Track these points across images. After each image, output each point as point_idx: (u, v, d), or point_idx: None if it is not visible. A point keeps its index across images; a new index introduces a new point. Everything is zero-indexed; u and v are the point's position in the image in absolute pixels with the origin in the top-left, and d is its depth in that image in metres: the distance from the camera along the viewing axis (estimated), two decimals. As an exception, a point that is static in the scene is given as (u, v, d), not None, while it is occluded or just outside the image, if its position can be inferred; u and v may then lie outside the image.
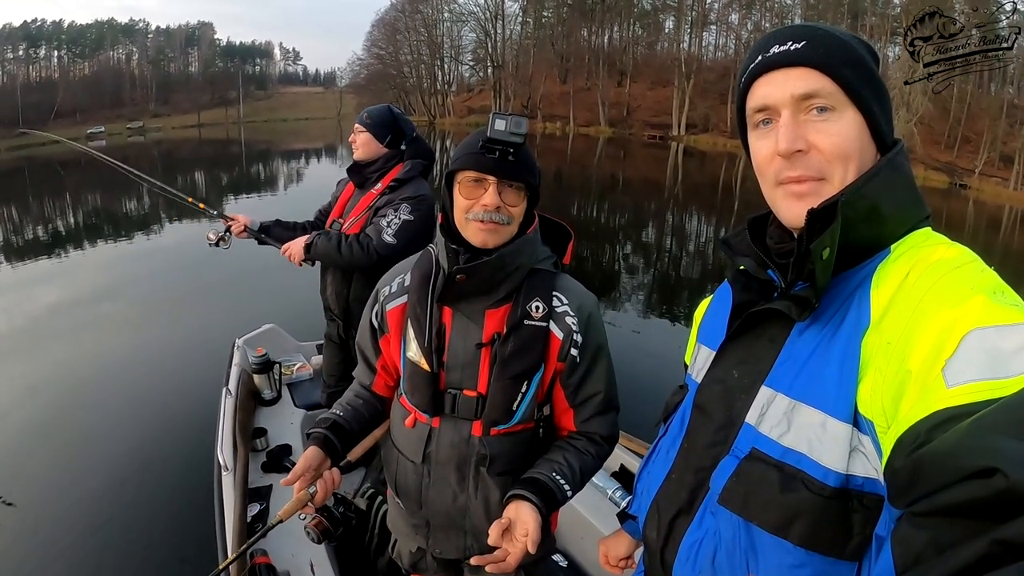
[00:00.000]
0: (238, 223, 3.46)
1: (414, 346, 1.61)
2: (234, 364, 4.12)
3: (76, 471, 3.15)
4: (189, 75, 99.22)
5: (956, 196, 33.00)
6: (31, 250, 13.94)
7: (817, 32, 0.95)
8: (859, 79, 0.93)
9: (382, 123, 3.16)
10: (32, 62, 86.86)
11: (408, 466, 1.71)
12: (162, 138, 65.23)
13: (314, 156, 41.59)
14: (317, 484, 1.54)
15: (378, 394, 1.83)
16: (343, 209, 3.30)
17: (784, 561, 0.92)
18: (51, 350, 7.30)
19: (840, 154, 0.93)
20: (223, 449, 3.13)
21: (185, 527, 3.99)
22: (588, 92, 64.36)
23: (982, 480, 0.51)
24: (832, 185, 0.94)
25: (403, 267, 1.75)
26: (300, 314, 3.52)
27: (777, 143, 0.95)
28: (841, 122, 0.93)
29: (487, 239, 1.52)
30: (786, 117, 0.95)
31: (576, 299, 1.64)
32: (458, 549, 1.77)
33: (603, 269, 13.11)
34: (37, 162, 42.90)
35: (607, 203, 23.00)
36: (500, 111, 1.49)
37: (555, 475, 1.57)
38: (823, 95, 0.93)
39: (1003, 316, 0.71)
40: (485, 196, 1.49)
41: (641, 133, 58.15)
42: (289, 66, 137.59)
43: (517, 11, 73.09)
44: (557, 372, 1.63)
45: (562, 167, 34.60)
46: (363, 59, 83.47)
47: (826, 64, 0.92)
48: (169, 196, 3.77)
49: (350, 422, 1.72)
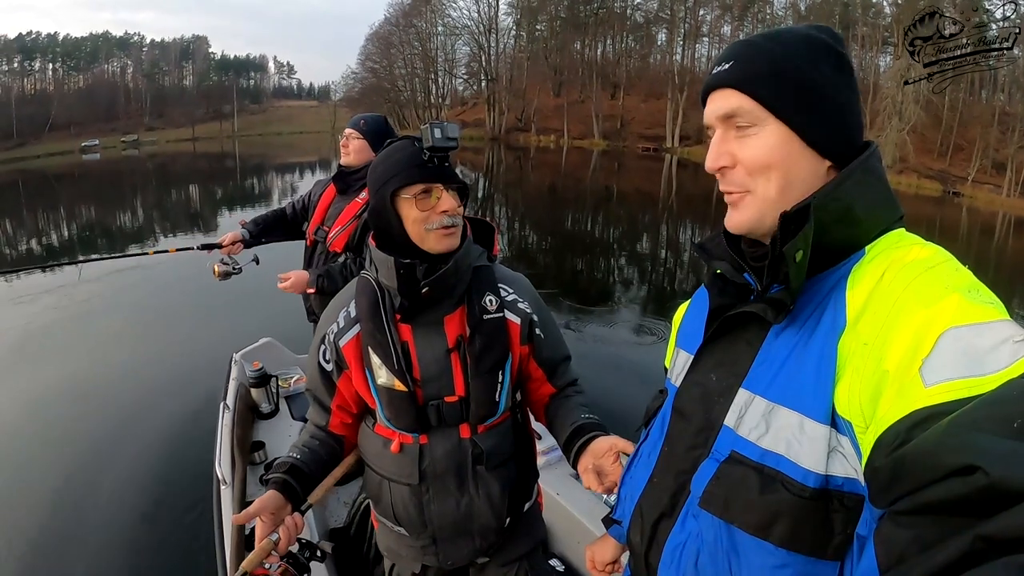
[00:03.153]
0: (228, 241, 3.44)
1: (384, 372, 1.61)
2: (232, 378, 4.11)
3: (77, 485, 3.16)
4: (184, 88, 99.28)
5: (950, 204, 33.19)
6: (26, 263, 13.96)
7: (745, 50, 0.99)
8: (780, 93, 0.95)
9: (377, 132, 3.18)
10: (27, 75, 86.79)
11: (404, 491, 1.70)
12: (156, 151, 65.28)
13: (308, 170, 41.54)
14: (279, 531, 1.52)
15: (335, 433, 1.80)
16: (324, 215, 3.31)
17: (766, 562, 0.92)
18: (49, 365, 7.29)
19: (759, 167, 0.97)
20: (221, 463, 3.13)
21: (185, 541, 3.99)
22: (582, 105, 64.36)
23: (963, 478, 0.51)
24: (756, 196, 0.98)
25: (340, 302, 1.75)
26: (296, 327, 3.58)
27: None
28: (761, 136, 0.96)
29: (451, 243, 1.57)
30: (716, 136, 1.01)
31: (520, 285, 1.75)
32: (468, 554, 1.79)
33: (597, 281, 13.17)
34: (31, 175, 42.77)
35: (602, 215, 23.06)
36: (433, 121, 1.53)
37: (586, 416, 1.70)
38: (741, 114, 0.97)
39: (978, 314, 0.73)
40: (442, 203, 1.54)
41: (635, 145, 58.17)
42: (283, 80, 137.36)
43: (511, 25, 73.32)
44: (523, 355, 1.73)
45: (557, 180, 34.70)
46: (357, 73, 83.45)
47: (743, 83, 0.96)
48: (127, 258, 3.69)
49: (308, 464, 1.70)
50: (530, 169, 41.45)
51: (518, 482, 1.79)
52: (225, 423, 3.53)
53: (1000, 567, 0.44)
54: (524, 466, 1.83)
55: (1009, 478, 0.47)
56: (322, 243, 3.29)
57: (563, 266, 14.23)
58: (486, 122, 69.75)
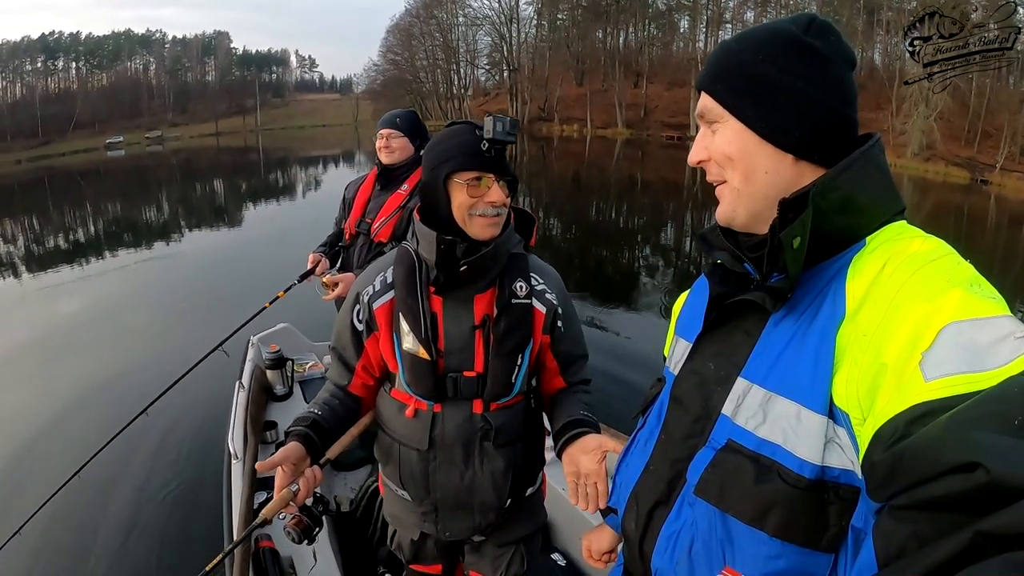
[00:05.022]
0: (314, 262, 3.57)
1: (410, 338, 1.68)
2: (248, 360, 4.24)
3: (98, 458, 3.33)
4: (206, 84, 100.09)
5: (978, 192, 32.46)
6: (58, 258, 14.38)
7: (715, 55, 1.05)
8: (732, 90, 0.99)
9: (414, 126, 3.29)
10: (51, 74, 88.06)
11: (412, 455, 1.78)
12: (180, 147, 65.99)
13: (332, 163, 41.89)
14: (299, 482, 1.58)
15: (353, 394, 1.86)
16: (363, 209, 3.41)
17: (760, 552, 0.93)
18: (80, 349, 7.78)
19: (723, 159, 1.01)
20: (234, 439, 3.25)
21: (197, 512, 4.21)
22: (605, 94, 63.98)
23: (964, 474, 0.51)
24: (729, 186, 1.02)
25: (378, 267, 1.82)
26: (314, 315, 3.68)
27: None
28: (723, 132, 1.01)
29: (493, 232, 1.64)
30: (699, 134, 1.06)
31: (550, 278, 1.81)
32: (467, 528, 1.87)
33: (621, 269, 13.20)
34: (57, 172, 43.39)
35: (625, 204, 22.94)
36: (496, 114, 1.59)
37: (583, 413, 1.75)
38: (706, 112, 1.03)
39: (980, 309, 0.72)
40: (491, 193, 1.60)
41: (659, 134, 57.72)
42: (305, 73, 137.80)
43: (532, 14, 73.16)
44: (544, 344, 1.80)
45: (580, 169, 34.58)
46: (379, 65, 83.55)
47: (705, 84, 1.03)
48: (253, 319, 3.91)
49: (328, 420, 1.76)
50: (553, 159, 41.33)
51: (523, 465, 1.86)
52: (239, 402, 3.67)
53: (999, 563, 0.44)
54: (531, 450, 1.90)
55: (1009, 475, 0.48)
56: (365, 235, 3.38)
57: (587, 255, 14.21)
58: (508, 112, 69.06)
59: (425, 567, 2.11)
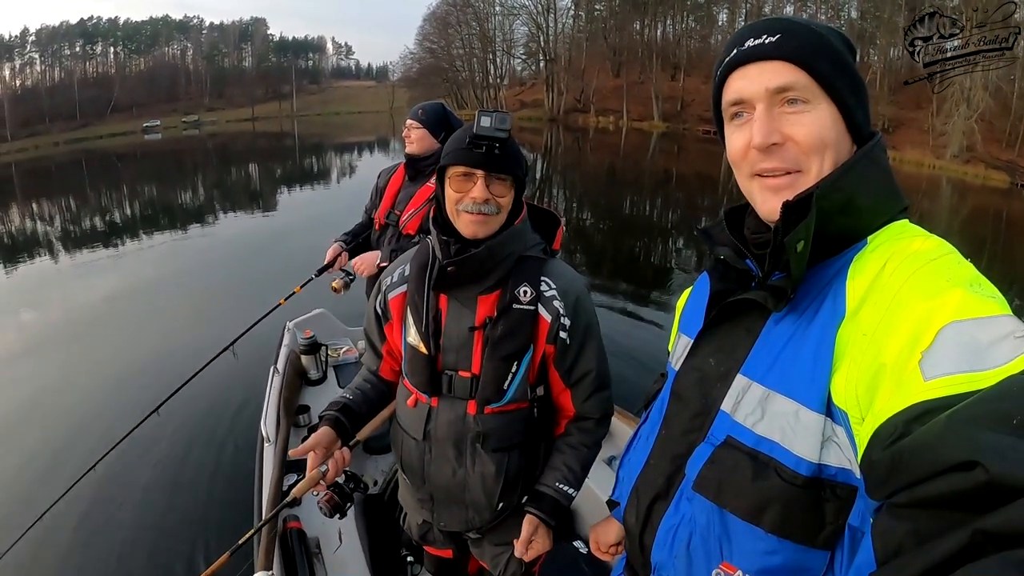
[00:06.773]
0: (332, 257, 3.61)
1: (413, 331, 1.74)
2: (283, 345, 4.30)
3: (133, 437, 3.39)
4: (243, 70, 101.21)
5: (1018, 196, 31.38)
6: (99, 239, 14.70)
7: (791, 25, 0.96)
8: (834, 72, 0.93)
9: (437, 119, 3.33)
10: (89, 58, 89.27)
11: (411, 443, 1.83)
12: (217, 131, 66.78)
13: (367, 149, 42.06)
14: (328, 463, 1.67)
15: (384, 378, 1.96)
16: (394, 200, 3.45)
17: (756, 547, 0.93)
18: (120, 329, 8.00)
19: (816, 145, 0.93)
20: (267, 422, 3.31)
21: (230, 492, 4.34)
22: (641, 86, 63.25)
23: (963, 473, 0.51)
24: (809, 177, 0.95)
25: (404, 259, 1.86)
26: (349, 300, 3.66)
27: (752, 136, 0.96)
28: (815, 114, 0.93)
29: (477, 230, 1.62)
30: (760, 111, 0.96)
31: (563, 283, 1.73)
32: (460, 522, 1.90)
33: (653, 263, 13.13)
34: (94, 154, 43.98)
35: (660, 198, 22.73)
36: (487, 109, 1.60)
37: (559, 485, 1.80)
38: (797, 88, 0.93)
39: (980, 308, 0.72)
40: (474, 189, 1.59)
41: (696, 128, 56.69)
42: (341, 60, 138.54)
43: (569, 4, 72.52)
44: (548, 355, 1.75)
45: (615, 162, 34.31)
46: (415, 53, 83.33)
47: (799, 57, 0.93)
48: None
49: (359, 404, 1.84)
50: (588, 151, 40.97)
51: (518, 473, 1.82)
52: (274, 386, 3.73)
53: (998, 562, 0.44)
54: (530, 459, 1.85)
55: (1009, 474, 0.48)
56: (393, 226, 3.41)
57: (620, 247, 14.22)
58: (544, 102, 69.45)
59: (437, 551, 2.15)
